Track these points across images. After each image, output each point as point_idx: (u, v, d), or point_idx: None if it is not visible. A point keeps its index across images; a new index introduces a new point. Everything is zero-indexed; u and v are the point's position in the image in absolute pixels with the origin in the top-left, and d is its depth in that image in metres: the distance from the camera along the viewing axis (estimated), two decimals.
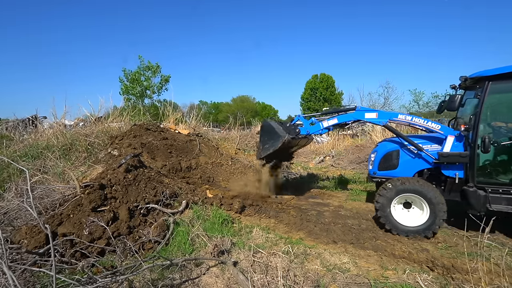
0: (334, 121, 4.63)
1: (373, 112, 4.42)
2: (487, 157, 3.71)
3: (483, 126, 3.67)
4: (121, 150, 6.26)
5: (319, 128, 4.76)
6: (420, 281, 2.64)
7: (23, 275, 2.53)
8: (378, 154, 4.53)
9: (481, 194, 3.56)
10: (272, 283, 2.61)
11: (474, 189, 3.64)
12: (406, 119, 4.26)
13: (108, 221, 3.46)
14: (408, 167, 4.23)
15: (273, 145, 4.64)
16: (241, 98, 57.06)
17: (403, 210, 3.97)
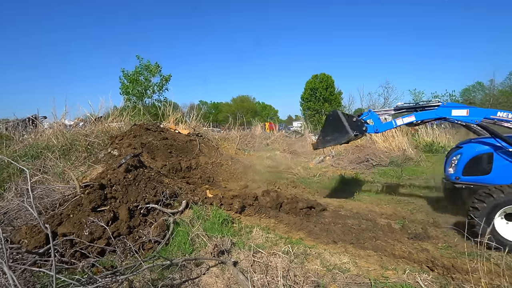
0: (411, 118, 4.00)
1: (463, 108, 3.74)
2: None
3: None
4: (121, 150, 6.26)
5: (392, 126, 4.29)
6: (420, 281, 2.64)
7: (23, 275, 2.53)
8: (464, 156, 3.95)
9: None
10: (272, 283, 2.61)
11: None
12: (509, 116, 3.54)
13: (108, 221, 3.46)
14: (506, 173, 3.60)
15: (336, 139, 4.28)
16: (241, 98, 57.11)
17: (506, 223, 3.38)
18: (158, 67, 15.32)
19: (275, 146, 12.03)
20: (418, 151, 10.73)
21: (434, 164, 9.24)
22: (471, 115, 3.68)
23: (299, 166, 9.97)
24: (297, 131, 20.89)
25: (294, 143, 13.99)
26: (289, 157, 10.44)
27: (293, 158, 10.79)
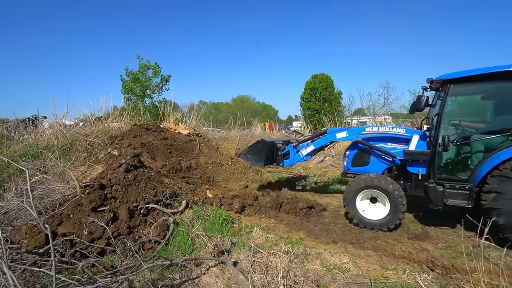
0: (311, 148, 4.98)
1: (342, 131, 4.80)
2: (446, 155, 3.92)
3: (444, 126, 3.88)
4: (121, 150, 6.26)
5: (300, 158, 5.10)
6: (420, 281, 2.64)
7: (23, 275, 2.54)
8: (352, 151, 4.85)
9: (440, 189, 3.79)
10: (272, 283, 2.61)
11: (434, 185, 3.86)
12: (373, 130, 4.60)
13: (108, 221, 3.46)
14: (378, 164, 4.54)
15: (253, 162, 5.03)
16: (241, 98, 57.13)
17: (370, 204, 4.24)
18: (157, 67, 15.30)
19: None
20: None
21: None
22: (349, 135, 4.73)
23: (299, 166, 9.97)
24: (297, 131, 20.90)
25: None
26: None
27: None
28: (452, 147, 3.77)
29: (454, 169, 3.94)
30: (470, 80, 3.67)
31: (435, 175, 3.90)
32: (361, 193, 4.17)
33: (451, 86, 3.76)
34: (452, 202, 3.72)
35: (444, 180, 3.86)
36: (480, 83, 3.74)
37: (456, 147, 3.89)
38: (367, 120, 23.05)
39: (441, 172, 3.91)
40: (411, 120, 22.43)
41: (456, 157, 3.98)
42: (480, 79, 3.61)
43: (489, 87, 3.86)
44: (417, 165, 4.14)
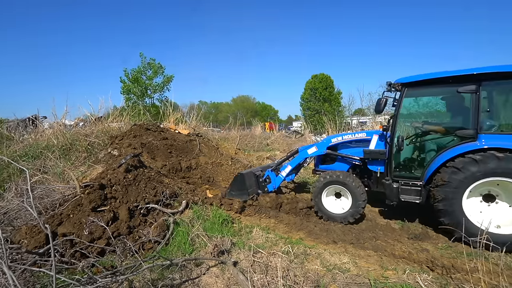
0: (288, 168, 5.16)
1: (312, 147, 5.07)
2: (401, 154, 4.18)
3: (398, 127, 4.12)
4: (121, 150, 6.26)
5: (281, 179, 5.26)
6: (420, 281, 2.64)
7: (23, 275, 2.54)
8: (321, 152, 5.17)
9: (395, 186, 4.05)
10: (272, 283, 2.61)
11: (390, 181, 4.12)
12: (338, 139, 4.90)
13: (108, 221, 3.46)
14: (343, 163, 4.89)
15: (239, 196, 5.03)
16: (241, 98, 57.11)
17: (335, 200, 4.55)
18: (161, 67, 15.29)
19: (275, 146, 12.03)
20: None
21: None
22: (319, 149, 4.94)
23: None
24: (297, 131, 20.88)
25: (294, 143, 13.99)
26: None
27: None
28: (406, 147, 4.05)
29: (408, 167, 4.23)
30: (422, 84, 3.89)
31: (391, 172, 4.15)
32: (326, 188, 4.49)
33: (405, 89, 4.00)
34: (405, 198, 3.99)
35: (399, 178, 4.11)
36: (431, 87, 4.04)
37: (410, 147, 4.19)
38: (367, 120, 23.01)
39: (396, 170, 4.17)
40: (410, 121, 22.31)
41: (410, 156, 4.28)
42: (431, 83, 3.86)
43: (438, 91, 4.22)
44: (376, 163, 4.38)
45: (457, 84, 3.60)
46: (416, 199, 3.92)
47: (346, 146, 4.90)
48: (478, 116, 3.51)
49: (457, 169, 3.47)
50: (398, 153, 4.15)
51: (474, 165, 3.37)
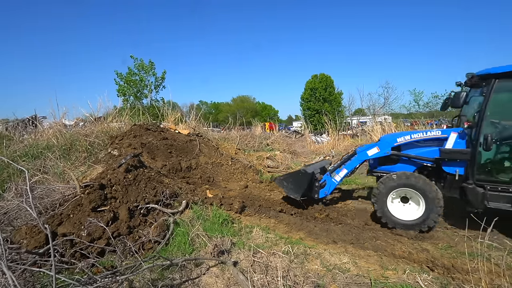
0: (344, 171, 4.73)
1: (373, 147, 4.51)
2: (488, 155, 3.68)
3: (486, 124, 3.63)
4: (121, 150, 6.26)
5: (335, 184, 4.81)
6: (420, 281, 2.63)
7: (23, 275, 2.53)
8: None
9: (480, 191, 3.61)
10: (272, 283, 2.61)
11: (473, 186, 3.68)
12: (406, 138, 4.32)
13: (108, 221, 3.46)
14: (408, 164, 4.34)
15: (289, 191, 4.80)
16: (241, 98, 57.07)
17: (399, 203, 4.11)
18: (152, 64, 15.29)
19: (275, 146, 12.01)
20: None
21: None
22: (382, 150, 4.42)
23: (299, 166, 9.97)
24: (297, 131, 20.88)
25: (294, 143, 13.98)
26: (289, 157, 10.43)
27: (293, 158, 10.79)
28: (494, 147, 3.57)
29: (496, 170, 3.70)
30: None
31: (475, 175, 3.69)
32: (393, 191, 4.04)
33: (496, 81, 3.50)
34: (494, 205, 3.53)
35: (484, 182, 3.65)
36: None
37: (499, 147, 3.67)
38: (367, 120, 23.02)
39: (481, 173, 3.69)
40: (410, 121, 22.44)
41: (499, 157, 3.73)
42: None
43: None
44: (454, 164, 3.91)
45: None
46: (508, 207, 3.46)
47: (414, 146, 4.37)
48: None
49: None
50: (484, 153, 3.65)
51: None
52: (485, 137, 3.49)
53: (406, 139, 4.32)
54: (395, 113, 25.92)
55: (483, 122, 3.58)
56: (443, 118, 27.25)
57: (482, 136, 3.54)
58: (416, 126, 13.83)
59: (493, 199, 3.55)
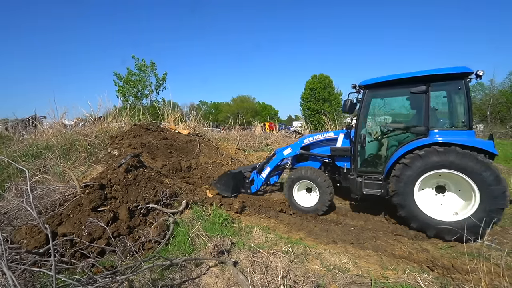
0: (268, 169, 5.46)
1: (287, 148, 5.38)
2: (364, 150, 4.45)
3: (361, 126, 4.40)
4: (121, 150, 6.26)
5: (262, 180, 5.55)
6: (420, 281, 2.63)
7: (23, 275, 2.53)
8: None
9: (359, 181, 4.35)
10: (272, 283, 2.61)
11: (354, 176, 4.44)
12: (309, 140, 5.18)
13: (108, 221, 3.46)
14: (315, 161, 5.18)
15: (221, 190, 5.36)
16: (241, 98, 57.03)
17: (306, 194, 4.90)
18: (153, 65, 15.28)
19: (275, 146, 12.01)
20: None
21: None
22: (293, 150, 5.27)
23: None
24: (297, 131, 20.86)
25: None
26: None
27: None
28: (369, 144, 4.40)
29: (371, 162, 4.48)
30: (381, 85, 4.17)
31: (356, 168, 4.45)
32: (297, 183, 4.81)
33: (367, 90, 4.30)
34: (367, 191, 4.27)
35: (363, 173, 4.40)
36: (389, 88, 4.24)
37: (373, 144, 4.49)
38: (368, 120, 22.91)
39: (360, 166, 4.44)
40: None
41: (373, 152, 4.53)
42: (389, 84, 4.12)
43: (396, 91, 4.39)
44: (343, 160, 4.71)
45: (410, 85, 3.91)
46: (377, 192, 4.19)
47: (318, 145, 5.16)
48: (428, 114, 3.82)
49: (405, 164, 3.74)
50: (361, 149, 4.42)
51: (418, 160, 3.65)
52: (360, 136, 4.27)
53: (310, 140, 5.17)
54: None
55: (359, 124, 4.35)
56: None
57: (358, 136, 4.30)
58: None
59: (367, 187, 4.28)
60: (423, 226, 3.71)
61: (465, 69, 3.63)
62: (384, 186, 4.12)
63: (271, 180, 5.87)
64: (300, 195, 4.87)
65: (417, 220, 3.74)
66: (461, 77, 3.69)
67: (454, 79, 3.74)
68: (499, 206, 3.28)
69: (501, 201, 3.27)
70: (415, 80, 3.86)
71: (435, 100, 4.08)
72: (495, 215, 3.29)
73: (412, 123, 4.22)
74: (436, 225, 3.60)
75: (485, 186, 3.32)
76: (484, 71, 3.62)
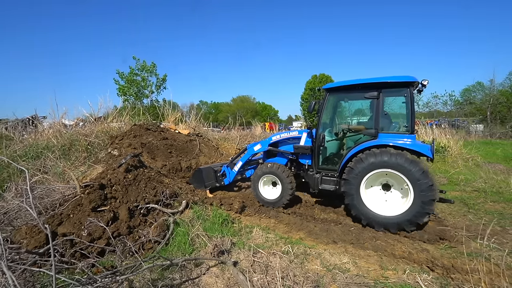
0: (240, 163, 5.72)
1: (257, 144, 5.67)
2: (323, 149, 4.78)
3: (322, 126, 4.75)
4: (121, 150, 6.26)
5: (234, 174, 5.80)
6: (420, 281, 2.63)
7: (23, 275, 2.53)
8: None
9: (317, 177, 4.68)
10: (272, 283, 2.61)
11: (313, 173, 4.78)
12: (276, 138, 5.44)
13: (108, 221, 3.46)
14: (281, 158, 5.44)
15: (196, 186, 5.73)
16: (241, 98, 57.00)
17: (272, 188, 5.20)
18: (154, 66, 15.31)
19: None
20: None
21: (434, 163, 9.25)
22: (263, 146, 5.54)
23: None
24: None
25: None
26: None
27: None
28: (327, 143, 4.72)
29: (329, 161, 4.83)
30: (339, 89, 4.56)
31: (315, 165, 4.80)
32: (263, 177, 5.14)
33: (327, 93, 4.61)
34: (323, 187, 4.62)
35: (321, 170, 4.76)
36: (346, 92, 4.68)
37: (332, 143, 4.84)
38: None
39: (319, 163, 4.78)
40: None
41: (330, 151, 4.89)
42: (346, 89, 4.51)
43: (352, 96, 4.81)
44: (305, 157, 5.00)
45: (364, 90, 4.22)
46: (331, 188, 4.54)
47: (285, 143, 5.40)
48: (378, 118, 4.14)
49: (350, 167, 4.13)
50: (321, 148, 4.73)
51: (360, 162, 4.03)
52: (320, 136, 4.58)
53: (277, 138, 5.43)
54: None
55: (319, 124, 4.67)
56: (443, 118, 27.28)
57: (318, 135, 4.61)
58: (416, 126, 13.83)
59: (324, 183, 4.65)
60: (371, 222, 4.05)
61: (411, 78, 3.95)
62: (338, 183, 4.46)
63: (247, 173, 6.13)
64: (266, 189, 5.21)
65: (366, 217, 4.08)
66: (407, 85, 4.00)
67: (401, 87, 4.06)
68: (430, 198, 3.65)
69: (430, 193, 3.65)
70: (369, 86, 4.19)
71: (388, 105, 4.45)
72: (427, 206, 3.67)
73: (366, 125, 4.63)
74: (381, 220, 3.96)
75: (415, 181, 3.70)
76: (428, 80, 4.01)
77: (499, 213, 4.76)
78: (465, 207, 5.09)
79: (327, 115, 4.96)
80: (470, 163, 9.37)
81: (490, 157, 11.08)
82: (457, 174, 7.41)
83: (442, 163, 9.44)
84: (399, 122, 4.44)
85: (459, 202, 5.34)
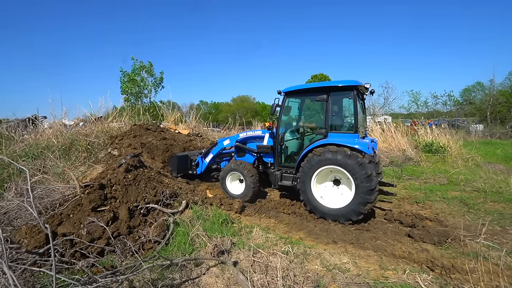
0: (210, 156, 6.09)
1: (226, 139, 5.98)
2: (282, 148, 5.12)
3: (281, 127, 5.11)
4: (121, 150, 6.27)
5: (206, 164, 6.15)
6: (420, 281, 2.64)
7: (23, 275, 2.53)
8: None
9: (277, 174, 5.03)
10: (272, 283, 2.61)
11: (274, 170, 5.15)
12: (243, 135, 5.74)
13: (108, 221, 3.46)
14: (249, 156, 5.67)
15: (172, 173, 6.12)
16: (241, 98, 56.97)
17: (239, 184, 5.50)
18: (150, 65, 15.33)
19: None
20: (418, 151, 10.73)
21: (434, 164, 9.25)
22: (231, 142, 5.86)
23: None
24: None
25: None
26: None
27: None
28: (286, 142, 5.07)
29: (287, 159, 5.16)
30: (295, 92, 4.95)
31: (276, 163, 5.17)
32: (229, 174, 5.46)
33: (285, 96, 4.97)
34: (283, 183, 4.96)
35: (281, 167, 5.12)
36: (301, 95, 5.22)
37: (289, 142, 5.14)
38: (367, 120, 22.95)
39: (279, 161, 5.15)
40: (410, 121, 22.36)
41: (289, 150, 5.19)
42: (301, 92, 4.98)
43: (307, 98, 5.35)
44: (268, 156, 5.33)
45: (316, 93, 4.56)
46: (289, 183, 4.88)
47: (252, 141, 5.65)
48: (328, 119, 4.46)
49: (301, 166, 4.49)
50: (280, 147, 5.08)
51: (313, 158, 4.35)
52: (279, 136, 5.01)
53: (243, 136, 5.73)
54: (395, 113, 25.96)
55: (279, 125, 5.01)
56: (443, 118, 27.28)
57: (278, 135, 5.00)
58: (416, 126, 13.83)
59: (283, 179, 5.00)
60: (323, 214, 4.40)
61: (355, 82, 4.31)
62: (295, 179, 4.79)
63: (221, 164, 6.33)
64: (234, 184, 5.54)
65: (318, 210, 4.43)
66: (351, 89, 4.32)
67: (347, 90, 4.39)
68: (368, 188, 3.99)
69: (367, 184, 3.98)
70: (319, 90, 4.53)
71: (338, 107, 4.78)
72: (367, 196, 4.00)
73: (319, 125, 4.89)
74: (332, 212, 4.32)
75: (354, 173, 4.04)
76: (370, 83, 4.50)
77: (499, 213, 4.76)
78: (465, 207, 5.09)
79: (286, 116, 5.36)
80: (470, 163, 9.37)
81: (490, 157, 11.08)
82: (457, 174, 7.41)
83: (442, 163, 9.45)
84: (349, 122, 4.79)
85: (459, 202, 5.34)
